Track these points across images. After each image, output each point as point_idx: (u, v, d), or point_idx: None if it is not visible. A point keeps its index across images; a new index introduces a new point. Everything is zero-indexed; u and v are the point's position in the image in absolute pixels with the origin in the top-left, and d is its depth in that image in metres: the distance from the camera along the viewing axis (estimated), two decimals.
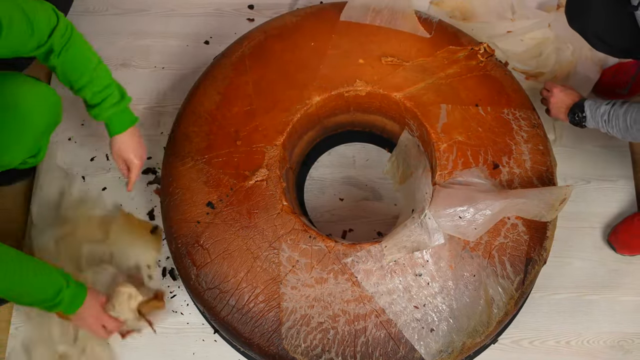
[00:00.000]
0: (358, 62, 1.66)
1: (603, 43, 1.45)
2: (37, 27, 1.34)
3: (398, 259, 1.47)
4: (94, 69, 1.48)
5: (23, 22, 1.30)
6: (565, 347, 1.77)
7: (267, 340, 1.48)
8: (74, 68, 1.46)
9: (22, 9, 1.29)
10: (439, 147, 1.57)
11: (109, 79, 1.52)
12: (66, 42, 1.42)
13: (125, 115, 1.57)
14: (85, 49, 1.48)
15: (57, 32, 1.39)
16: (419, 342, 1.46)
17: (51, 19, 1.38)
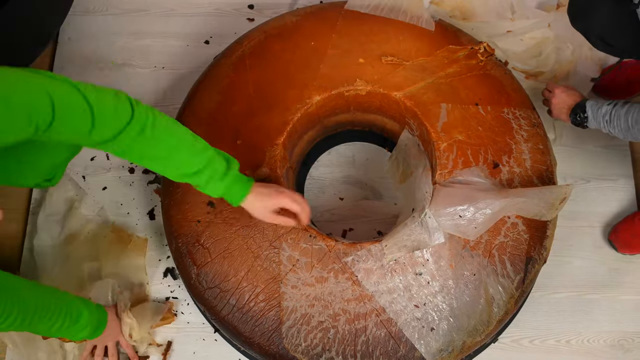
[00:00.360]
0: (358, 61, 1.66)
1: (605, 44, 1.44)
2: (99, 123, 1.16)
3: (398, 258, 1.47)
4: (178, 158, 1.29)
5: (84, 115, 1.14)
6: (565, 346, 1.78)
7: (268, 340, 1.49)
8: (150, 161, 1.29)
9: (84, 99, 1.13)
10: (439, 146, 1.57)
11: (200, 162, 1.31)
12: (141, 139, 1.23)
13: (237, 185, 1.37)
14: (164, 144, 1.26)
15: (128, 131, 1.20)
16: (419, 341, 1.46)
17: (121, 115, 1.19)
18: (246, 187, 1.38)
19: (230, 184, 1.35)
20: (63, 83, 1.12)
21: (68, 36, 2.16)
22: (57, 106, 1.09)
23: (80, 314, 1.51)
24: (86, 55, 2.14)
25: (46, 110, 1.08)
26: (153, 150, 1.26)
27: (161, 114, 1.26)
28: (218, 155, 1.34)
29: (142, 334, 1.70)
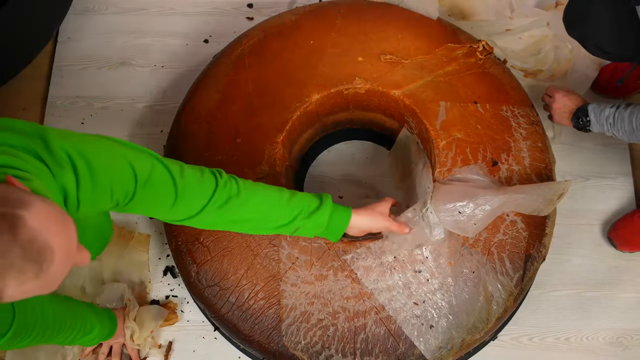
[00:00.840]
0: (357, 59, 1.67)
1: (603, 52, 1.43)
2: (182, 198, 1.17)
3: (398, 256, 1.47)
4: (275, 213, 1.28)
5: (168, 191, 1.15)
6: (564, 343, 1.78)
7: (267, 337, 1.49)
8: (240, 225, 1.30)
9: (169, 176, 1.14)
10: (438, 145, 1.57)
11: (290, 212, 1.28)
12: (227, 209, 1.23)
13: (339, 215, 1.34)
14: (251, 208, 1.26)
15: (212, 204, 1.21)
16: (419, 339, 1.46)
17: (206, 188, 1.20)
18: (347, 213, 1.35)
19: (329, 218, 1.32)
20: (148, 157, 1.13)
21: (68, 35, 2.16)
22: (139, 182, 1.10)
23: (93, 327, 1.52)
24: (86, 54, 2.14)
25: (129, 187, 1.10)
26: (240, 216, 1.26)
27: (242, 180, 1.26)
28: (306, 195, 1.32)
29: (144, 337, 1.71)
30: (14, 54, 1.90)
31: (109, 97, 2.09)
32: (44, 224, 0.84)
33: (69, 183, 1.02)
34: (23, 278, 0.83)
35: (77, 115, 2.05)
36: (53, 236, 0.85)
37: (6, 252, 0.81)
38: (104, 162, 1.07)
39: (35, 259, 0.83)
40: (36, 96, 2.09)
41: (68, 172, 1.01)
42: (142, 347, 1.73)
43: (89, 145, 1.06)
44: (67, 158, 1.02)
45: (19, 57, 1.94)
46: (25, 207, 0.83)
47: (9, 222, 0.81)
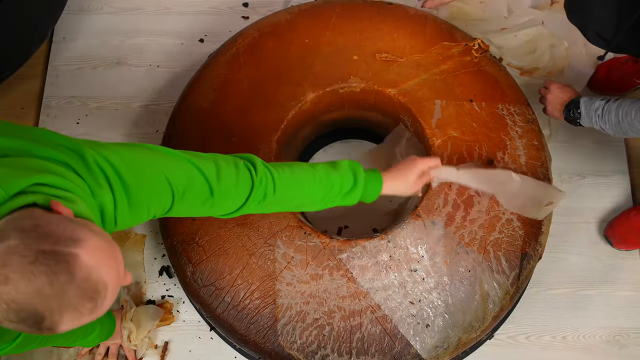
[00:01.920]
0: (352, 58, 1.66)
1: (601, 39, 1.43)
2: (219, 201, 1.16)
3: (393, 255, 1.47)
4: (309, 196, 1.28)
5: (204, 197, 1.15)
6: (561, 342, 1.78)
7: (263, 337, 1.49)
8: (280, 209, 1.31)
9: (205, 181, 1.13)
10: (433, 143, 1.57)
11: (326, 187, 1.28)
12: (266, 203, 1.23)
13: (370, 187, 1.34)
14: (288, 197, 1.26)
15: (251, 201, 1.20)
16: (415, 338, 1.46)
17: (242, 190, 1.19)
18: (378, 184, 1.35)
19: (362, 193, 1.33)
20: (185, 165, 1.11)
21: (63, 35, 2.16)
22: (176, 196, 1.09)
23: (94, 328, 1.52)
24: (81, 54, 2.14)
25: (166, 202, 1.09)
26: (280, 206, 1.28)
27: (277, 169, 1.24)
28: (341, 172, 1.30)
29: (141, 337, 1.70)
30: (8, 54, 1.90)
31: (104, 96, 2.08)
32: (97, 260, 0.84)
33: (107, 203, 1.01)
34: (79, 315, 0.84)
35: (73, 115, 2.04)
36: (106, 271, 0.85)
37: (64, 292, 0.81)
38: (141, 180, 1.04)
39: (91, 297, 0.83)
40: (31, 96, 2.09)
41: (106, 192, 1.00)
42: (139, 348, 1.72)
43: (126, 162, 1.04)
44: (104, 177, 1.00)
45: (14, 56, 1.93)
46: (80, 244, 0.83)
47: (65, 261, 0.81)
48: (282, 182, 1.23)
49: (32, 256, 0.79)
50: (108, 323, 1.61)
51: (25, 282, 0.79)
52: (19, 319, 0.81)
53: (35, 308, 0.80)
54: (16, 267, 0.79)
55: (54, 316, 0.82)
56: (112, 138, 1.97)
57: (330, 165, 1.30)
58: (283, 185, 1.23)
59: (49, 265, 0.80)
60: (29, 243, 0.80)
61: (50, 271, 0.80)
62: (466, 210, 1.52)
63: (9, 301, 0.80)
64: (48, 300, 0.81)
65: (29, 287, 0.79)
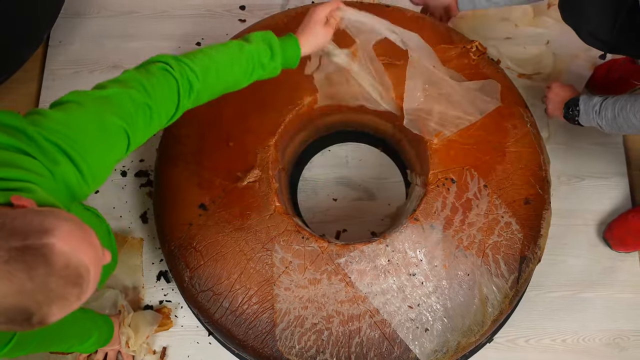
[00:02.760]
0: None
1: (596, 40, 1.44)
2: (159, 114, 1.16)
3: (392, 259, 1.46)
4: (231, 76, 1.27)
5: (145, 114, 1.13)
6: (561, 345, 1.77)
7: (262, 342, 1.48)
8: (215, 90, 1.29)
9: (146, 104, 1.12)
10: (431, 146, 1.56)
11: (250, 64, 1.28)
12: (195, 93, 1.22)
13: (288, 52, 1.33)
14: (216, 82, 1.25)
15: (182, 97, 1.20)
16: (414, 342, 1.45)
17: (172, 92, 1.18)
18: (295, 46, 1.34)
19: (282, 60, 1.33)
20: (122, 97, 1.09)
21: (59, 39, 2.15)
22: (130, 132, 1.08)
23: (91, 334, 1.51)
24: (77, 58, 2.13)
25: (123, 144, 1.09)
26: (209, 92, 1.26)
27: (189, 57, 1.21)
28: (257, 44, 1.29)
29: (140, 342, 1.69)
30: (4, 58, 1.89)
31: None
32: (73, 245, 0.82)
33: (70, 175, 0.99)
34: (67, 303, 0.83)
35: None
36: (84, 254, 0.84)
37: (46, 284, 0.80)
38: (92, 135, 1.03)
39: (75, 282, 0.82)
40: (28, 100, 2.08)
41: (65, 165, 0.98)
42: (137, 353, 1.72)
43: (70, 125, 1.01)
44: (57, 149, 0.98)
45: (10, 60, 1.92)
46: (51, 233, 0.81)
47: (41, 254, 0.79)
48: (201, 68, 1.21)
49: (4, 255, 0.78)
50: (106, 329, 1.60)
51: (4, 283, 0.78)
52: (7, 319, 0.80)
53: (21, 306, 0.79)
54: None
55: (43, 309, 0.81)
56: None
57: (243, 40, 1.29)
58: (203, 71, 1.21)
59: (25, 261, 0.78)
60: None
61: (27, 267, 0.78)
62: (464, 213, 1.51)
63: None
64: (32, 296, 0.79)
65: (10, 287, 0.78)
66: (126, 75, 1.15)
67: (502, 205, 1.53)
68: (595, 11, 1.38)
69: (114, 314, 1.70)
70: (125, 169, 1.96)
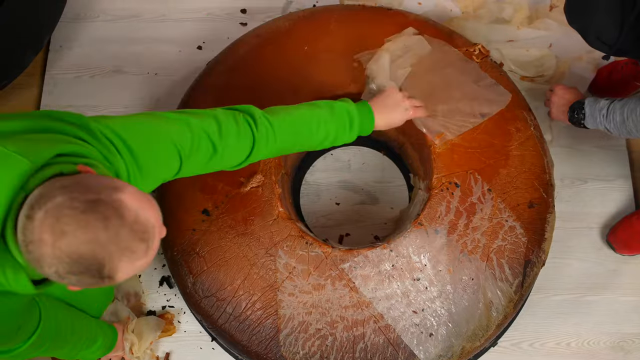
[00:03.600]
0: (352, 65, 1.65)
1: (603, 44, 1.41)
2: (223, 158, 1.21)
3: (396, 264, 1.46)
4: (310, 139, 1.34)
5: (208, 155, 1.19)
6: (565, 348, 1.77)
7: (265, 348, 1.47)
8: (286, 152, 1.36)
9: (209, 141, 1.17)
10: (435, 150, 1.56)
11: (327, 131, 1.34)
12: (270, 148, 1.27)
13: (365, 122, 1.40)
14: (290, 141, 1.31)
15: (253, 155, 1.25)
16: (418, 347, 1.45)
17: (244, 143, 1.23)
18: (370, 118, 1.41)
19: (359, 128, 1.38)
20: (188, 125, 1.14)
21: (60, 44, 2.14)
22: (184, 158, 1.13)
23: (96, 340, 1.51)
24: (78, 62, 2.12)
25: (174, 165, 1.13)
26: (281, 151, 1.32)
27: (276, 116, 1.27)
28: (337, 111, 1.35)
29: (144, 348, 1.69)
30: (5, 63, 1.88)
31: (102, 105, 2.07)
32: (140, 203, 0.88)
33: (121, 170, 1.04)
34: (134, 257, 0.87)
35: None
36: (150, 212, 0.89)
37: (118, 235, 0.85)
38: (147, 146, 1.08)
39: (142, 238, 0.87)
40: (29, 105, 2.07)
41: (119, 160, 1.04)
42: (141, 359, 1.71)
43: (130, 130, 1.07)
44: (112, 146, 1.03)
45: (11, 66, 1.92)
46: (121, 190, 0.87)
47: (113, 207, 0.85)
48: (282, 131, 1.27)
49: (81, 207, 0.84)
50: (111, 334, 1.59)
51: (82, 231, 0.83)
52: (82, 268, 0.85)
53: (96, 255, 0.84)
54: (69, 219, 0.83)
55: (113, 261, 0.85)
56: None
57: (328, 107, 1.34)
58: (283, 133, 1.27)
59: (100, 211, 0.84)
60: (75, 196, 0.84)
61: (102, 217, 0.84)
62: (468, 217, 1.51)
63: (70, 252, 0.83)
64: (106, 246, 0.84)
65: (87, 234, 0.83)
66: (210, 111, 1.21)
67: (506, 209, 1.52)
68: (603, 15, 1.36)
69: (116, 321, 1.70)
70: None
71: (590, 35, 1.42)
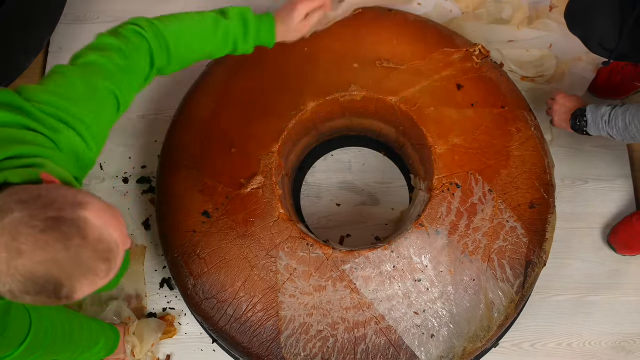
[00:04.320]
0: (352, 66, 1.65)
1: (604, 50, 1.44)
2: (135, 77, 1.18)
3: (397, 265, 1.46)
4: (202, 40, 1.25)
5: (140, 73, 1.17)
6: (567, 349, 1.76)
7: (267, 350, 1.47)
8: (187, 58, 1.26)
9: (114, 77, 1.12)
10: (435, 151, 1.56)
11: (223, 40, 1.26)
12: (167, 56, 1.21)
13: (263, 32, 1.30)
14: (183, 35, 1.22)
15: (155, 59, 1.19)
16: (420, 349, 1.44)
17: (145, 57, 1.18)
18: (270, 32, 1.32)
19: (257, 37, 1.30)
20: (101, 65, 1.10)
21: (59, 46, 2.14)
22: (119, 95, 1.10)
23: (99, 340, 1.50)
24: None
25: (113, 105, 1.10)
26: (181, 60, 1.24)
27: (162, 20, 1.21)
28: (233, 21, 1.26)
29: (145, 351, 1.69)
30: (4, 65, 1.88)
31: None
32: (105, 220, 0.85)
33: (73, 140, 1.00)
34: (96, 278, 0.84)
35: None
36: (114, 230, 0.85)
37: (79, 256, 0.81)
38: (86, 101, 1.04)
39: (106, 258, 0.84)
40: None
41: (67, 132, 0.99)
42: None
43: (60, 94, 1.02)
44: (56, 120, 0.99)
45: (10, 68, 1.91)
46: (85, 207, 0.83)
47: (76, 225, 0.81)
48: (173, 35, 1.20)
49: (41, 225, 0.79)
50: (113, 336, 1.59)
51: (40, 252, 0.79)
52: (38, 289, 0.81)
53: (54, 275, 0.80)
54: (27, 238, 0.79)
55: (73, 282, 0.82)
56: (110, 148, 1.95)
57: (220, 13, 1.27)
58: (174, 38, 1.20)
59: (61, 230, 0.80)
60: (35, 214, 0.80)
61: (63, 237, 0.80)
62: (469, 218, 1.50)
63: (26, 273, 0.79)
64: (65, 266, 0.81)
65: (44, 255, 0.79)
66: (102, 41, 1.16)
67: (507, 210, 1.52)
68: (604, 21, 1.38)
69: (118, 323, 1.70)
70: (128, 175, 1.95)
71: (591, 42, 1.45)
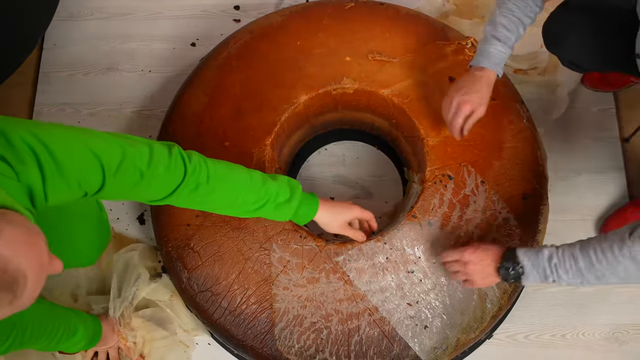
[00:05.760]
0: (345, 59, 1.65)
1: (575, 65, 1.59)
2: (150, 185, 1.15)
3: (390, 256, 1.46)
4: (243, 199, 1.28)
5: (135, 180, 1.12)
6: (560, 340, 1.77)
7: (261, 342, 1.48)
8: (211, 207, 1.29)
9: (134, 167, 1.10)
10: (428, 143, 1.56)
11: (261, 197, 1.29)
12: (197, 194, 1.21)
13: (304, 208, 1.37)
14: (221, 194, 1.25)
15: (182, 189, 1.19)
16: (413, 340, 1.45)
17: (174, 175, 1.17)
18: (313, 207, 1.39)
19: (296, 209, 1.35)
20: (116, 145, 1.08)
21: (53, 42, 2.15)
22: (107, 175, 1.06)
23: (77, 330, 1.50)
24: (72, 60, 2.13)
25: (96, 179, 1.06)
26: (211, 200, 1.25)
27: (213, 162, 1.23)
28: (279, 184, 1.31)
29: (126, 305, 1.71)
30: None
31: (96, 103, 2.07)
32: (14, 249, 0.79)
33: (34, 180, 0.97)
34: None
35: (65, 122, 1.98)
36: (24, 260, 0.80)
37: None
38: (70, 154, 1.01)
39: (9, 288, 0.79)
40: (23, 104, 2.07)
41: (32, 169, 0.96)
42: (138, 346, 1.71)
43: (55, 137, 1.00)
44: (30, 152, 0.96)
45: (4, 64, 1.92)
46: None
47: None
48: (216, 175, 1.22)
49: None
50: (92, 324, 1.59)
51: None
52: None
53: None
54: None
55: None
56: None
57: (269, 175, 1.31)
58: (217, 177, 1.22)
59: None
60: None
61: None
62: (462, 210, 1.51)
63: None
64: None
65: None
66: (146, 140, 1.15)
67: (499, 201, 1.53)
68: (573, 43, 1.50)
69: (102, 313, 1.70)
70: None
71: (564, 60, 1.61)
